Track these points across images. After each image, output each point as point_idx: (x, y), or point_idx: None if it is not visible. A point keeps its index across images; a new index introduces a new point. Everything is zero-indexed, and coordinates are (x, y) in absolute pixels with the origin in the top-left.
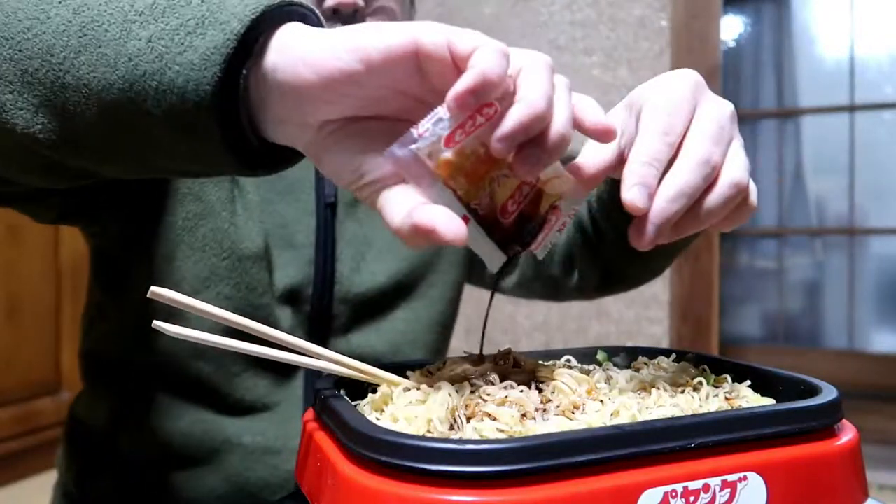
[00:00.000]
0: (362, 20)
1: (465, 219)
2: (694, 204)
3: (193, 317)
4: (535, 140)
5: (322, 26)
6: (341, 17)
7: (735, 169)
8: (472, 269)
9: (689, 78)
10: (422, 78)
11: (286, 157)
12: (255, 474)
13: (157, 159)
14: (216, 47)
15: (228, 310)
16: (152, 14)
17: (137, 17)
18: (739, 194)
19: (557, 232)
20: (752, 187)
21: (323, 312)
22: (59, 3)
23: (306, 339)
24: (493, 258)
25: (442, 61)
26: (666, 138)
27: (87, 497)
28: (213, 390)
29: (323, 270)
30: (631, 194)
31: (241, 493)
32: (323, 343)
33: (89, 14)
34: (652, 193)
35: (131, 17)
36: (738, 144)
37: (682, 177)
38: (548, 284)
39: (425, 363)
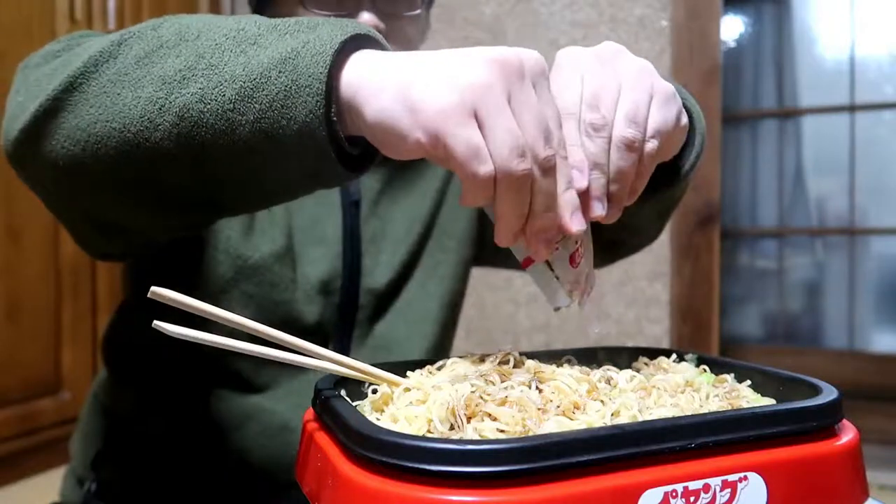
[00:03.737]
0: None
1: (529, 260)
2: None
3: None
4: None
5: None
6: None
7: (619, 126)
8: (483, 250)
9: (562, 60)
10: None
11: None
12: (269, 451)
13: (279, 192)
14: (309, 112)
15: (251, 307)
16: (243, 100)
17: (233, 107)
18: (632, 147)
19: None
20: (653, 125)
21: (351, 303)
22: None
23: (333, 329)
24: (558, 296)
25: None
26: (568, 118)
27: (101, 481)
28: (240, 375)
29: (350, 264)
30: (572, 224)
31: (254, 470)
32: (349, 331)
33: (189, 125)
34: (583, 169)
35: (228, 107)
36: (629, 89)
37: (594, 159)
38: None
39: (425, 363)
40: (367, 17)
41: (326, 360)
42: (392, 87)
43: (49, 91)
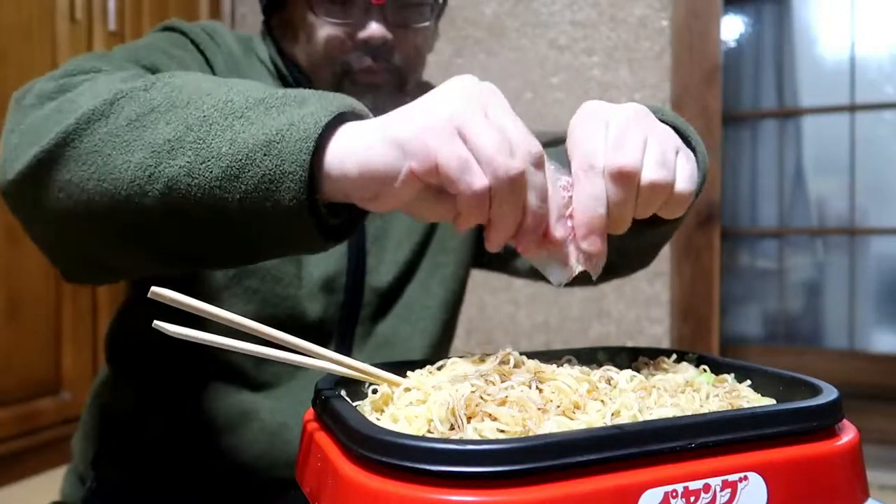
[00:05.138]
0: (391, 52)
1: None
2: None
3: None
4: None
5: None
6: (370, 48)
7: (650, 170)
8: (482, 253)
9: (586, 110)
10: None
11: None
12: (269, 448)
13: (262, 256)
14: (293, 198)
15: (255, 301)
16: (229, 179)
17: (220, 185)
18: (661, 192)
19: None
20: (682, 174)
21: (354, 301)
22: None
23: (336, 327)
24: (556, 274)
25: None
26: (591, 172)
27: (101, 480)
28: (241, 372)
29: (356, 262)
30: (590, 246)
31: (254, 468)
32: (351, 330)
33: (177, 196)
34: (602, 232)
35: (215, 184)
36: (656, 139)
37: (617, 204)
38: None
39: (425, 363)
40: (374, 27)
41: (326, 360)
42: (374, 138)
43: (43, 143)
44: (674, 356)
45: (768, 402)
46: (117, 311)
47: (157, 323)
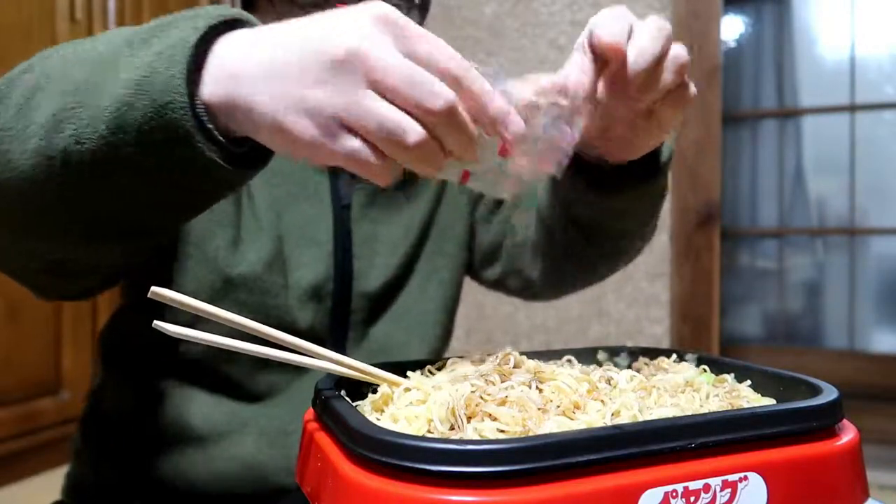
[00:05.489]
0: None
1: (466, 175)
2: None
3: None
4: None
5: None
6: None
7: (679, 48)
8: (475, 257)
9: (609, 9)
10: None
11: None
12: (267, 455)
13: (191, 203)
14: (178, 128)
15: (244, 313)
16: (115, 133)
17: (107, 142)
18: (681, 67)
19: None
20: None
21: (343, 307)
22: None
23: (328, 334)
24: (501, 187)
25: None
26: (621, 20)
27: (101, 482)
28: (237, 383)
29: (343, 267)
30: (609, 38)
31: (252, 473)
32: (344, 336)
33: (76, 167)
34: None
35: (103, 143)
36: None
37: (644, 39)
38: (522, 280)
39: (425, 363)
40: None
41: (326, 360)
42: (259, 109)
43: None
44: (674, 356)
45: (768, 402)
46: (110, 316)
47: (157, 323)
